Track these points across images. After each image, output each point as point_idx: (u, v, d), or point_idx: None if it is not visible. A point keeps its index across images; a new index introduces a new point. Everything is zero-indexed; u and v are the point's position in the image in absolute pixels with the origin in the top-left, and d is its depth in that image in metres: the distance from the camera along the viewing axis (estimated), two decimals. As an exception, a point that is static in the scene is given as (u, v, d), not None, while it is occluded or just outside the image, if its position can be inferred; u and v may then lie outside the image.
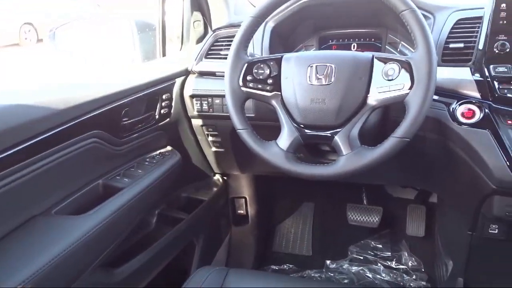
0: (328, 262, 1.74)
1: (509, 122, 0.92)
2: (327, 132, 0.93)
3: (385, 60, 0.91)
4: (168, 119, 1.31)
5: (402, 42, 1.27)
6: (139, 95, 1.16)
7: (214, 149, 1.45)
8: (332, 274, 1.70)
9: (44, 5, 7.41)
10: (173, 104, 1.31)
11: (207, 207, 1.51)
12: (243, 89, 1.01)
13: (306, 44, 1.40)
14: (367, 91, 0.91)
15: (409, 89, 0.86)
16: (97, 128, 1.03)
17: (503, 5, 0.96)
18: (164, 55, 1.55)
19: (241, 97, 1.01)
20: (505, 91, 0.93)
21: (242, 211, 1.75)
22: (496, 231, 1.08)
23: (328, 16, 1.32)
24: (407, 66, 0.87)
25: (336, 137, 0.92)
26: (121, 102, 1.10)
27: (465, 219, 1.15)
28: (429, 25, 1.10)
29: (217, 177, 1.65)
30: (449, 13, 1.11)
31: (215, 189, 1.61)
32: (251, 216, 1.76)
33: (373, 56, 0.93)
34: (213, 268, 1.03)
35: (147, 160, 1.23)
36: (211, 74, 1.31)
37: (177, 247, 1.36)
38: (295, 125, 0.96)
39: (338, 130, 0.92)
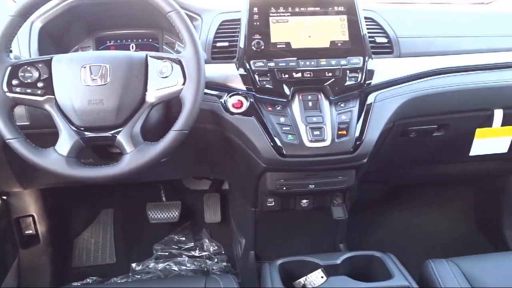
0: (133, 265, 1.73)
1: (270, 108, 1.07)
2: (109, 133, 0.93)
3: (158, 59, 0.95)
4: None
5: (178, 42, 1.34)
6: None
7: (-16, 166, 1.26)
8: (138, 276, 1.69)
9: None
10: None
11: (-17, 233, 1.32)
12: (9, 95, 0.91)
13: (83, 46, 1.34)
14: (145, 89, 0.94)
15: (182, 85, 0.92)
16: None
17: (255, 9, 1.12)
18: None
19: (7, 104, 0.91)
20: (264, 82, 1.08)
21: (30, 231, 1.59)
22: (273, 204, 1.25)
23: (102, 16, 1.29)
24: (178, 63, 0.93)
25: (119, 137, 0.92)
26: None
27: (249, 198, 1.29)
28: (198, 26, 1.19)
29: (-7, 197, 1.45)
30: (215, 15, 1.22)
31: (-9, 211, 1.41)
32: (42, 234, 1.61)
33: (147, 55, 0.96)
34: None
35: None
36: (-32, 80, 1.13)
37: None
38: (74, 128, 0.92)
39: (119, 129, 0.92)
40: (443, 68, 1.20)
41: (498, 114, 1.27)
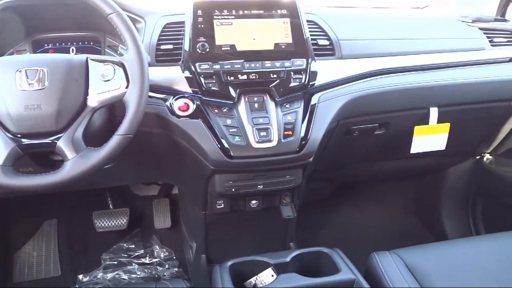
0: (80, 276, 1.67)
1: (216, 111, 1.07)
2: (48, 139, 0.89)
3: (100, 62, 0.93)
4: None
5: (121, 45, 1.31)
6: None
7: None
8: (86, 288, 1.63)
9: None
10: None
11: None
12: None
13: (18, 49, 1.27)
14: (86, 93, 0.91)
15: (125, 88, 0.91)
16: None
17: (199, 11, 1.12)
18: None
19: None
20: (210, 85, 1.08)
21: (-35, 247, 1.49)
22: (222, 206, 1.25)
23: (39, 18, 1.24)
24: (121, 66, 0.92)
25: (59, 143, 0.89)
26: None
27: (198, 201, 1.29)
28: (141, 29, 1.18)
29: None
30: (158, 17, 1.21)
31: None
32: (-21, 250, 1.51)
33: (87, 58, 0.93)
34: None
35: None
36: None
37: None
38: (10, 135, 0.88)
39: (60, 135, 0.89)
40: (382, 69, 1.26)
41: (434, 112, 1.35)
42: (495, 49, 1.42)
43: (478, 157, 1.74)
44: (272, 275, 1.06)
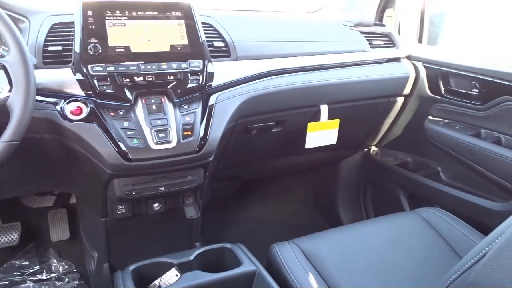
0: (-35, 301, 1.51)
1: (112, 113, 1.04)
2: None
3: None
4: None
5: (2, 46, 1.21)
6: None
7: None
8: (-27, 312, 1.48)
9: None
10: None
11: None
12: None
13: None
14: (-38, 99, 0.84)
15: (8, 92, 0.85)
16: None
17: (90, 12, 1.08)
18: None
19: None
20: (104, 87, 1.05)
21: None
22: (124, 211, 1.22)
23: None
24: (2, 69, 0.86)
25: None
26: None
27: (98, 208, 1.24)
28: (25, 29, 1.11)
29: None
30: (44, 17, 1.14)
31: None
32: None
33: None
34: None
35: None
36: None
37: None
38: None
39: None
40: (275, 70, 1.33)
41: (324, 109, 1.46)
42: (374, 51, 1.57)
43: (366, 149, 1.90)
44: (176, 275, 1.06)
